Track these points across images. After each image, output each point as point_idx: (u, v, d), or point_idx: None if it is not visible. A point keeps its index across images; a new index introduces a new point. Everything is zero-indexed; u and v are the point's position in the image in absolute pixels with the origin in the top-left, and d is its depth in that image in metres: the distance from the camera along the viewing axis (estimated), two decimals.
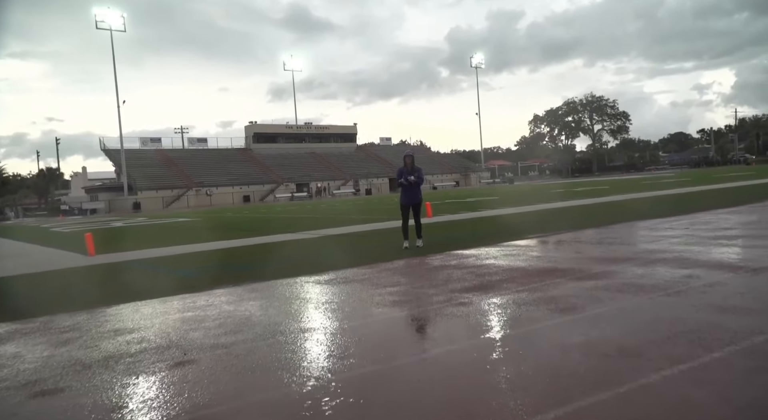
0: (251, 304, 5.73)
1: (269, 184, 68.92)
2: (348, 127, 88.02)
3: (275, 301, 5.79)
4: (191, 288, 6.96)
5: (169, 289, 6.98)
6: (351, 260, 8.46)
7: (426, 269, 7.12)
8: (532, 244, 8.97)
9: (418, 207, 9.61)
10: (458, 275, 6.41)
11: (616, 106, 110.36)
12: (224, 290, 6.64)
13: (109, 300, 6.47)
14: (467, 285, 5.71)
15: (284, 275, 7.47)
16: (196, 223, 23.97)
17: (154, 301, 6.24)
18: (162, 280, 8.04)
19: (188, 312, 5.55)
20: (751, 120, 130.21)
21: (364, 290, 5.91)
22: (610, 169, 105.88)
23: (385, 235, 12.24)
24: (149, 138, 74.78)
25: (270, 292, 6.35)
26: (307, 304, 5.50)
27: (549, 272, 6.10)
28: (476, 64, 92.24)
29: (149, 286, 7.48)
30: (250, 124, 80.00)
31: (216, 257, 10.44)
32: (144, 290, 7.14)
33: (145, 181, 62.56)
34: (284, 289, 6.47)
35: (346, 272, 7.37)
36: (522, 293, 5.08)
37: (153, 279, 8.28)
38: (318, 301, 5.58)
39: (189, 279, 7.97)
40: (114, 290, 7.41)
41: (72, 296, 7.14)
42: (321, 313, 4.99)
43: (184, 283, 7.49)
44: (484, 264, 7.13)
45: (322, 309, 5.18)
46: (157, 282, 7.89)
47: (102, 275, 9.14)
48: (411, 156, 9.58)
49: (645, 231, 9.54)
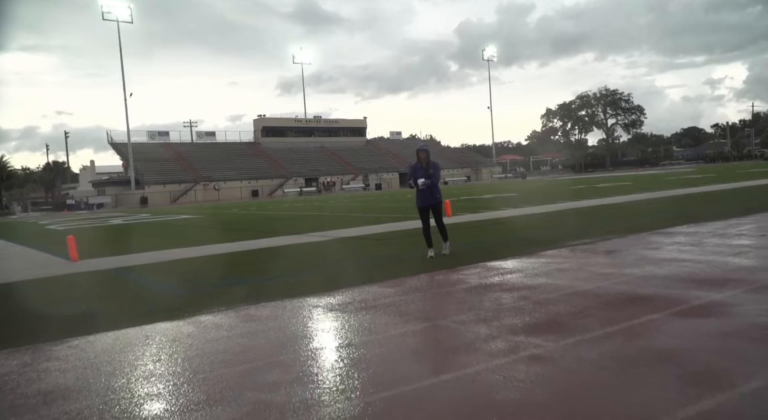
0: (241, 343, 4.36)
1: (278, 179, 67.69)
2: (358, 121, 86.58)
3: (271, 346, 4.42)
4: (172, 311, 5.62)
5: (144, 313, 5.64)
6: (368, 274, 7.08)
7: (463, 290, 5.72)
8: (583, 254, 7.54)
9: (439, 209, 8.18)
10: (508, 301, 5.00)
11: (630, 99, 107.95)
12: (211, 318, 5.27)
13: (67, 329, 5.13)
14: (528, 320, 4.30)
15: (289, 294, 6.10)
16: (198, 222, 22.71)
17: (119, 335, 4.88)
18: (140, 298, 6.70)
19: (154, 359, 4.18)
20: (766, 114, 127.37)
21: (388, 327, 4.51)
22: (623, 164, 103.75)
23: (403, 239, 10.85)
24: (157, 131, 73.76)
25: (268, 324, 4.97)
26: (316, 356, 4.12)
27: (631, 301, 4.68)
28: (488, 57, 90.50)
29: (122, 307, 6.14)
30: (258, 118, 78.77)
31: (211, 266, 9.10)
32: (115, 314, 5.80)
33: (153, 176, 61.51)
34: (287, 319, 5.10)
35: (363, 292, 5.99)
36: (615, 339, 3.65)
37: (131, 296, 6.94)
38: (329, 349, 4.19)
39: (173, 297, 6.62)
40: (78, 313, 6.07)
41: (21, 323, 5.80)
42: (331, 377, 3.50)
43: (164, 304, 6.14)
44: (536, 284, 5.72)
45: (333, 369, 3.77)
46: (133, 301, 6.55)
47: (74, 290, 7.82)
48: (425, 150, 8.17)
49: (715, 238, 8.07)
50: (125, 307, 6.22)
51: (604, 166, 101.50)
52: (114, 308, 6.22)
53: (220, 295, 6.52)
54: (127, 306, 6.30)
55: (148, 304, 6.28)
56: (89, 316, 5.84)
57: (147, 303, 6.38)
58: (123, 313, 5.90)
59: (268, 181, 66.70)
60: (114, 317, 5.66)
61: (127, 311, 5.96)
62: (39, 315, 6.08)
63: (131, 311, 5.95)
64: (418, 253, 8.46)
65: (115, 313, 5.91)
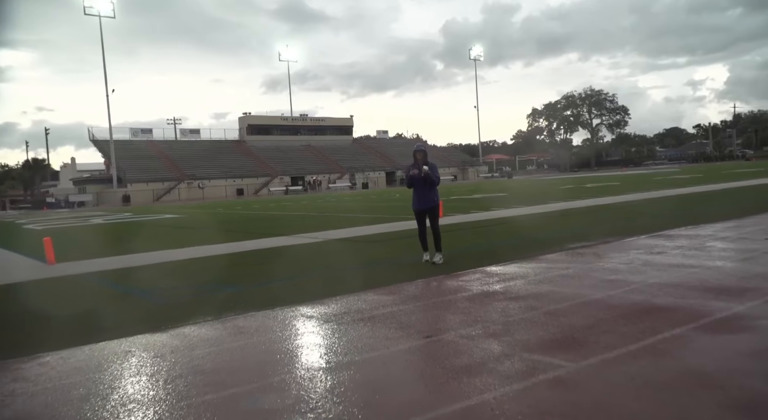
0: (230, 361, 3.99)
1: (263, 177, 67.00)
2: (344, 120, 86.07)
3: (263, 365, 4.05)
4: (154, 321, 5.22)
5: (123, 323, 5.24)
6: (362, 279, 6.73)
7: (466, 299, 5.39)
8: (585, 258, 7.26)
9: (435, 213, 7.78)
10: (516, 312, 4.68)
11: (615, 100, 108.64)
12: (197, 330, 4.89)
13: (37, 342, 4.71)
14: (541, 334, 3.98)
15: (279, 302, 5.73)
16: (182, 222, 22.17)
17: (96, 350, 4.48)
18: (120, 306, 6.27)
19: (134, 381, 3.80)
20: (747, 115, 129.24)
21: (390, 342, 4.17)
22: (608, 164, 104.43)
23: (396, 242, 10.51)
24: (140, 129, 72.68)
25: (258, 338, 4.60)
26: (313, 378, 3.76)
27: (647, 312, 4.38)
28: (475, 57, 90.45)
29: (100, 317, 5.72)
30: (244, 116, 77.94)
31: (196, 270, 8.68)
32: (92, 324, 5.39)
33: (135, 173, 60.52)
34: (279, 332, 4.73)
35: (358, 300, 5.63)
36: (642, 359, 3.34)
37: (109, 304, 6.51)
38: (327, 369, 3.84)
39: (155, 305, 6.21)
40: (51, 324, 5.65)
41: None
42: (331, 406, 3.12)
43: (146, 313, 5.75)
44: (542, 292, 5.41)
45: (333, 395, 3.42)
46: (113, 309, 6.13)
47: (48, 296, 7.36)
48: (423, 151, 7.77)
49: (717, 241, 7.84)
50: (103, 317, 5.80)
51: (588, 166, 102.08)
52: (91, 318, 5.80)
53: (206, 303, 6.12)
54: (106, 315, 5.88)
55: (128, 313, 5.88)
56: (63, 327, 5.43)
57: (127, 312, 5.97)
58: (101, 323, 5.49)
59: (254, 180, 65.98)
60: (91, 328, 5.25)
61: (106, 321, 5.55)
62: (6, 326, 5.65)
63: (110, 321, 5.54)
64: (413, 256, 8.14)
65: (92, 324, 5.50)
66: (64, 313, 6.12)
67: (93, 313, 6.03)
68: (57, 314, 6.08)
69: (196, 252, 10.57)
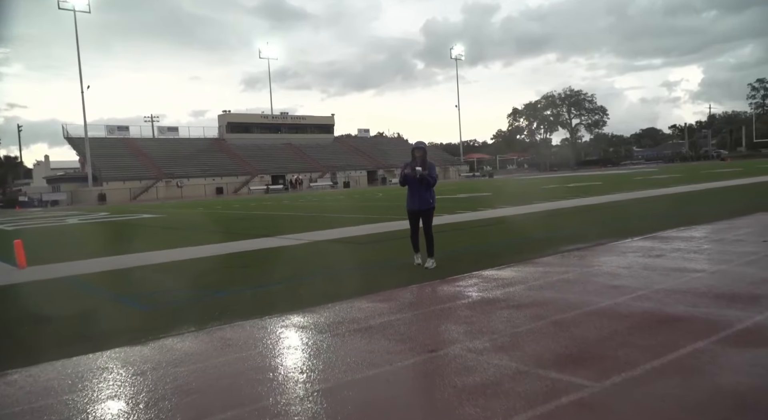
0: (218, 380, 3.66)
1: (243, 176, 66.17)
2: (325, 118, 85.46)
3: (255, 385, 3.73)
4: (133, 332, 4.86)
5: (100, 335, 4.87)
6: (354, 285, 6.44)
7: (466, 306, 5.12)
8: (583, 262, 7.05)
9: (430, 215, 7.48)
10: (522, 322, 4.42)
11: (594, 100, 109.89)
12: (180, 343, 4.54)
13: (4, 358, 4.32)
14: (554, 348, 3.72)
15: (268, 309, 5.40)
16: (161, 222, 21.60)
17: (68, 365, 4.10)
18: (96, 315, 5.87)
19: (108, 406, 3.45)
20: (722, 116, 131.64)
21: (392, 357, 3.88)
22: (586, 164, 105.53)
23: (385, 244, 10.23)
24: (116, 126, 71.25)
25: (248, 352, 4.27)
26: (312, 401, 3.45)
27: (661, 323, 4.16)
28: (456, 56, 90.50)
29: (74, 327, 5.33)
30: (223, 113, 76.90)
31: (178, 273, 8.29)
32: (65, 336, 5.01)
33: (111, 172, 59.29)
34: (270, 345, 4.41)
35: (352, 308, 5.33)
36: (670, 378, 3.09)
37: (85, 312, 6.08)
38: (327, 391, 3.52)
39: (134, 314, 5.83)
40: (20, 335, 5.24)
41: None
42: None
43: (124, 322, 5.37)
44: (545, 299, 5.16)
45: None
46: (88, 318, 5.72)
47: (17, 304, 6.93)
48: (422, 148, 7.46)
49: (714, 244, 7.70)
50: (78, 327, 5.41)
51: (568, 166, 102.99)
52: (65, 328, 5.41)
53: (190, 310, 5.77)
54: (80, 325, 5.49)
55: (105, 322, 5.50)
56: (33, 340, 5.04)
57: (105, 320, 5.59)
58: (75, 334, 5.12)
59: (233, 179, 65.11)
60: (64, 340, 4.88)
61: (80, 333, 5.17)
62: None
63: (86, 332, 5.17)
64: (404, 259, 7.87)
65: (66, 335, 5.12)
66: (35, 323, 5.71)
67: (67, 322, 5.64)
68: (27, 324, 5.67)
69: (178, 254, 10.15)
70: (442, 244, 8.11)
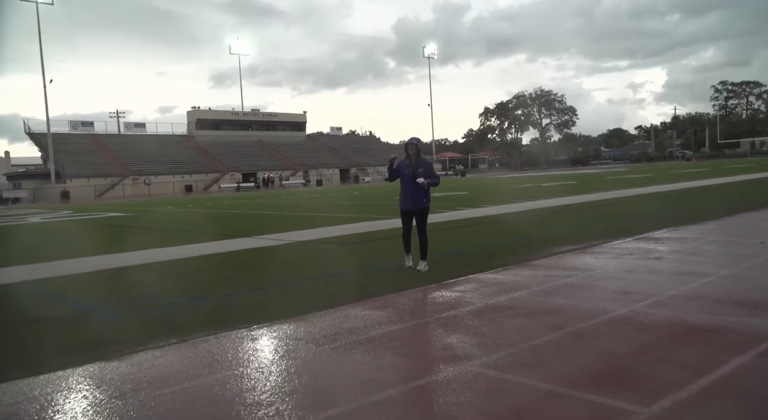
0: (204, 405, 3.23)
1: (213, 174, 64.87)
2: (297, 116, 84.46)
3: (249, 413, 3.31)
4: (103, 345, 4.37)
5: (65, 348, 4.36)
6: (343, 289, 6.04)
7: (472, 314, 4.77)
8: (581, 264, 6.78)
9: (424, 215, 7.10)
10: (538, 333, 4.09)
11: (564, 100, 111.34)
12: (160, 357, 4.07)
13: None
14: (583, 365, 3.39)
15: (254, 317, 4.97)
16: (131, 221, 20.77)
17: (27, 388, 3.60)
18: (61, 325, 5.32)
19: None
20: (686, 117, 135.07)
21: (404, 375, 3.49)
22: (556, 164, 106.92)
23: (370, 245, 9.83)
24: (80, 122, 69.07)
25: (238, 371, 3.83)
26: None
27: (690, 334, 3.87)
28: (429, 54, 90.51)
29: (36, 340, 4.80)
30: (193, 110, 75.26)
31: (154, 277, 7.75)
32: (25, 349, 4.48)
33: (75, 168, 57.40)
34: (262, 361, 3.98)
35: (347, 317, 4.93)
36: (726, 401, 2.77)
37: (48, 322, 5.53)
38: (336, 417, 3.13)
39: (106, 323, 5.31)
40: None
41: None
42: None
43: (96, 334, 4.85)
44: (555, 306, 4.85)
45: None
46: (52, 329, 5.18)
47: None
48: (416, 145, 7.07)
49: (712, 245, 7.53)
50: (43, 339, 4.88)
51: (538, 165, 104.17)
52: (27, 340, 4.87)
53: (170, 318, 5.28)
54: (46, 336, 4.96)
55: (74, 333, 4.97)
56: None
57: (73, 331, 5.06)
58: (40, 348, 4.60)
59: (203, 176, 63.75)
60: (26, 356, 4.36)
61: (46, 345, 4.65)
62: None
63: (51, 345, 4.65)
64: (393, 261, 7.52)
65: (29, 349, 4.59)
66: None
67: (30, 334, 5.09)
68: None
69: (151, 256, 9.56)
70: (430, 245, 7.71)
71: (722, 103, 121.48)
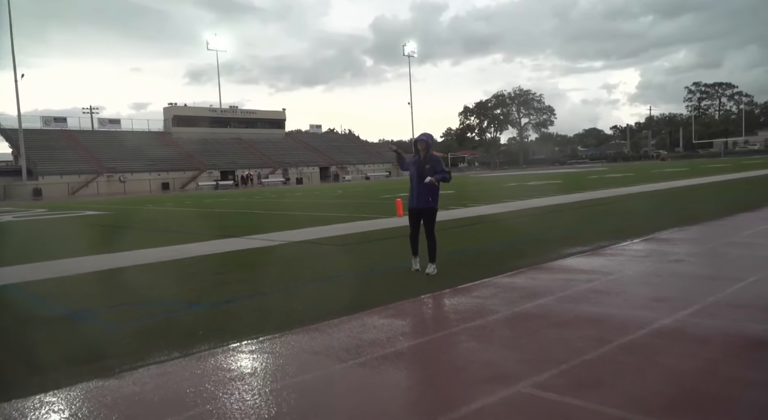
0: None
1: (191, 171, 63.71)
2: (276, 113, 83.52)
3: None
4: (96, 360, 3.91)
5: (51, 363, 3.89)
6: (352, 295, 5.65)
7: (503, 324, 4.42)
8: (601, 266, 6.49)
9: (430, 216, 6.68)
10: (584, 346, 3.75)
11: (542, 100, 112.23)
12: (168, 371, 3.63)
13: None
14: (649, 385, 3.05)
15: (261, 326, 4.55)
16: (109, 220, 20.03)
17: (24, 410, 3.14)
18: (49, 335, 4.82)
19: None
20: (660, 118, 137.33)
21: (451, 397, 3.12)
22: (534, 163, 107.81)
23: (368, 245, 9.45)
24: (53, 117, 67.23)
25: (264, 384, 3.42)
26: None
27: (758, 349, 3.57)
28: (409, 53, 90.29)
29: (16, 354, 4.30)
30: (169, 106, 73.86)
31: (144, 280, 7.24)
32: (7, 367, 4.00)
33: (48, 165, 55.82)
34: (281, 375, 3.57)
35: (363, 326, 4.54)
36: None
37: (33, 332, 5.02)
38: None
39: (98, 333, 4.82)
40: None
41: None
42: None
43: (89, 346, 4.37)
44: (591, 315, 4.53)
45: None
46: (38, 340, 4.68)
47: None
48: (425, 141, 6.69)
49: (729, 248, 7.32)
50: (29, 352, 4.39)
51: (516, 164, 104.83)
52: (11, 354, 4.37)
53: (168, 327, 4.83)
54: (33, 349, 4.46)
55: (64, 346, 4.48)
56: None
57: (62, 343, 4.58)
58: (26, 362, 4.12)
59: (180, 174, 62.53)
60: (11, 372, 3.88)
61: (33, 359, 4.16)
62: None
63: (39, 359, 4.17)
64: (397, 263, 7.18)
65: (13, 364, 4.11)
66: None
67: (13, 345, 4.59)
68: None
69: (138, 257, 9.02)
70: (422, 246, 7.27)
71: (695, 104, 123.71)
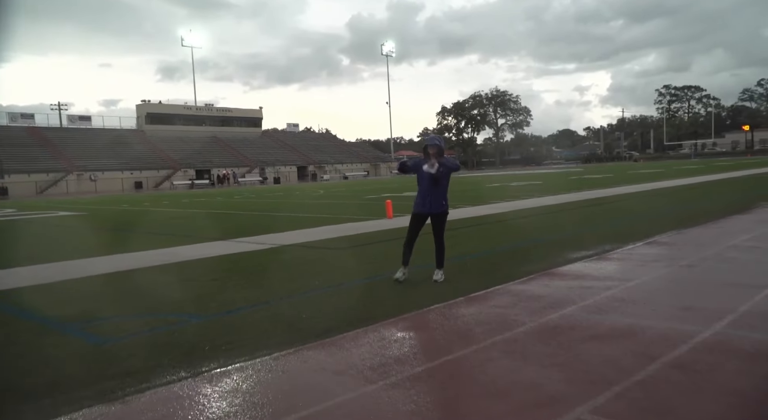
0: None
1: (165, 170, 62.49)
2: (253, 111, 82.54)
3: None
4: (101, 379, 3.54)
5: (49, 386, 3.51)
6: (360, 305, 5.36)
7: (532, 337, 4.17)
8: (614, 272, 6.30)
9: (442, 221, 6.40)
10: (628, 363, 3.52)
11: (519, 101, 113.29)
12: (176, 394, 3.28)
13: None
14: (719, 410, 2.83)
15: (271, 340, 4.22)
16: (84, 221, 19.31)
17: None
18: (36, 351, 4.41)
19: None
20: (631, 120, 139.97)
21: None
22: (510, 163, 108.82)
23: (362, 248, 9.16)
24: (19, 113, 65.24)
25: (290, 412, 3.10)
26: None
27: None
28: (387, 52, 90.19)
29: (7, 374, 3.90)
30: (142, 103, 72.36)
31: (135, 288, 6.82)
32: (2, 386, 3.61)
33: (14, 163, 54.08)
34: (307, 400, 3.25)
35: (381, 340, 4.24)
36: None
37: (16, 347, 4.60)
38: None
39: (92, 349, 4.42)
40: None
41: None
42: None
43: (83, 364, 3.98)
44: (622, 327, 4.32)
45: None
46: (24, 355, 4.27)
47: None
48: (437, 145, 6.24)
49: (737, 252, 7.22)
50: (16, 371, 3.98)
51: (493, 165, 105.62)
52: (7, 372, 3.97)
53: (168, 342, 4.45)
54: (18, 367, 4.04)
55: (55, 364, 4.08)
56: None
57: (53, 360, 4.17)
58: (14, 383, 3.72)
59: (154, 173, 61.27)
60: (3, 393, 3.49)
61: (21, 380, 3.76)
62: None
63: (29, 379, 3.77)
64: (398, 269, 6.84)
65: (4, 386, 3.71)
66: None
67: None
68: None
69: (123, 262, 8.55)
70: (425, 249, 6.99)
71: (666, 107, 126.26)
